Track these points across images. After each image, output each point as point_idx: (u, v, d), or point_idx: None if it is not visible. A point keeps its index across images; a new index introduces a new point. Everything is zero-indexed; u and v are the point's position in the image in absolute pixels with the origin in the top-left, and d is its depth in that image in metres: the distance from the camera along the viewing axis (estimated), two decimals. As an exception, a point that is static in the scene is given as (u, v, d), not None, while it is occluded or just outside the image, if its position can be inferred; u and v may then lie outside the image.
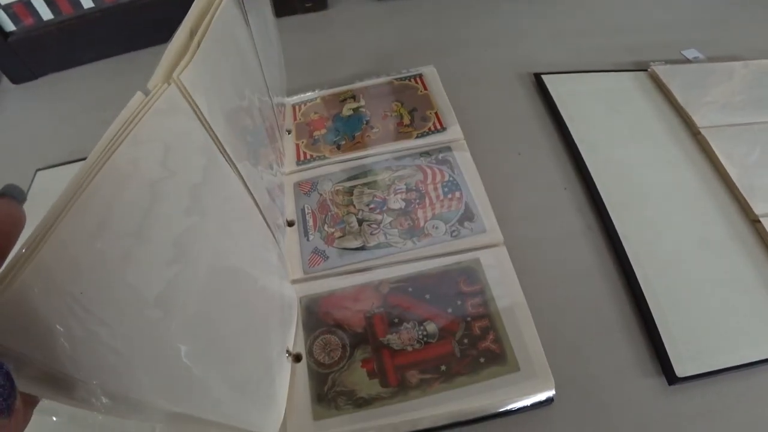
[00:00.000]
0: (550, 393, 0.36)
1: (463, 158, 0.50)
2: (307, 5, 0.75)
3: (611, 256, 0.45)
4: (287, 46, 0.55)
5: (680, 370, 0.38)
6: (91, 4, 0.69)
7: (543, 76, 0.59)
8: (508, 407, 0.36)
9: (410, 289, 0.41)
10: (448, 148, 0.51)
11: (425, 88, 0.58)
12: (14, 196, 0.17)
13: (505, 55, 0.63)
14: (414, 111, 0.56)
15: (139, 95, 0.21)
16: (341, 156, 0.52)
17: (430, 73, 0.60)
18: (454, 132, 0.53)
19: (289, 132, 0.56)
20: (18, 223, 0.16)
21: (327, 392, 0.36)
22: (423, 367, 0.37)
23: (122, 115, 0.19)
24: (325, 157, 0.53)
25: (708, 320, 0.41)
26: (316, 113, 0.58)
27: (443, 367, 0.37)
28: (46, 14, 0.68)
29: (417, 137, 0.53)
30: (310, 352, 0.39)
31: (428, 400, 0.35)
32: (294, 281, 0.43)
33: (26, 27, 0.68)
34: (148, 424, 0.33)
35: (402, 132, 0.54)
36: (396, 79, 0.60)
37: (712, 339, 0.41)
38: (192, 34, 0.26)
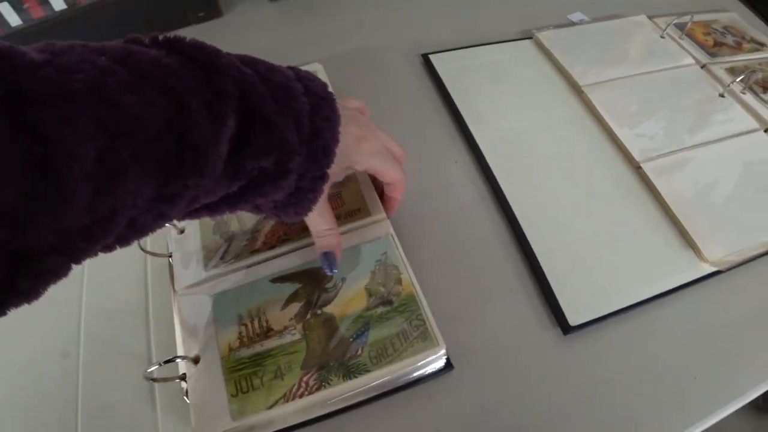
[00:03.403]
0: (442, 354, 0.35)
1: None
2: (200, 15, 0.73)
3: (504, 222, 0.46)
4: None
5: (573, 320, 0.40)
6: (63, 6, 0.64)
7: (431, 56, 0.60)
8: (406, 378, 0.36)
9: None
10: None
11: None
12: None
13: (394, 40, 0.63)
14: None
15: None
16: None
17: (316, 70, 0.59)
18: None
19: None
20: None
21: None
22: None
23: None
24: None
25: (598, 268, 0.43)
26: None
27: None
28: (14, 21, 0.63)
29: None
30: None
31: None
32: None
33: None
34: None
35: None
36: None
37: (602, 285, 0.42)
38: None
